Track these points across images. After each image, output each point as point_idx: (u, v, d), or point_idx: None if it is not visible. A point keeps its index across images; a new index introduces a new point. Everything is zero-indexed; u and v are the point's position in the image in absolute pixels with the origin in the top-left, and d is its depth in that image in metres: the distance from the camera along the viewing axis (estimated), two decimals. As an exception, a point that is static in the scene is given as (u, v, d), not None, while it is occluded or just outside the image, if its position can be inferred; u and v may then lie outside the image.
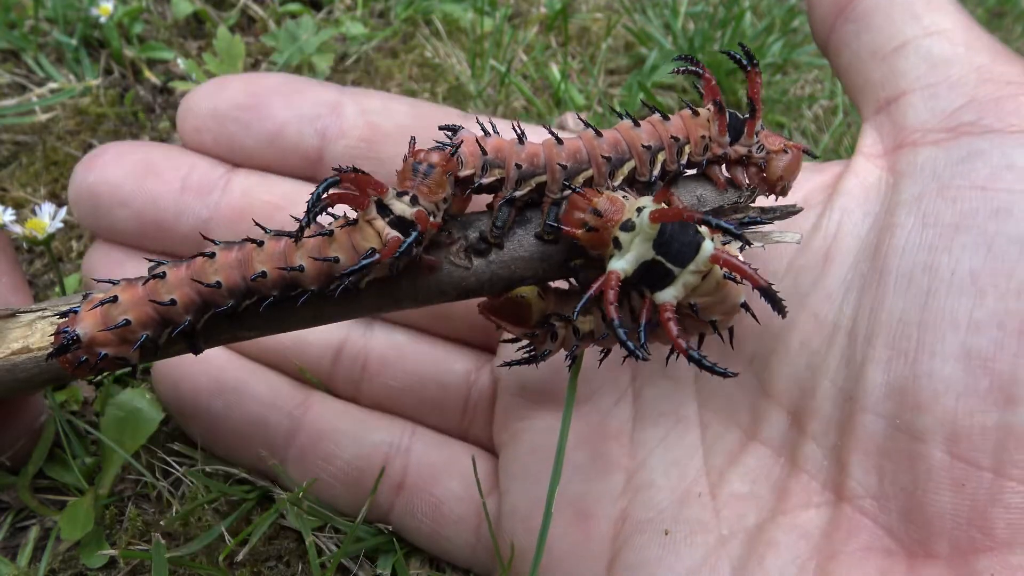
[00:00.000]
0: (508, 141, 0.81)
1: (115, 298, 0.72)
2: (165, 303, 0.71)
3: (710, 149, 0.82)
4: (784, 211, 0.83)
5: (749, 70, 0.81)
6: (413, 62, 1.82)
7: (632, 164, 0.80)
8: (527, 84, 1.81)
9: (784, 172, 0.82)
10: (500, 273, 0.80)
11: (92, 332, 0.71)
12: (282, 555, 1.03)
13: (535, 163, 0.79)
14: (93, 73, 1.63)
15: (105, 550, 0.99)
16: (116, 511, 1.05)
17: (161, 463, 1.10)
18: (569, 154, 0.80)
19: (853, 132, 1.89)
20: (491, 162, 0.79)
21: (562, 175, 0.79)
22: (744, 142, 0.82)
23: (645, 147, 0.80)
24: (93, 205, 1.06)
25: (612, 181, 0.80)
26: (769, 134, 0.83)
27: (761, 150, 0.82)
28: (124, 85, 1.65)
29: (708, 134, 0.81)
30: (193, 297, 0.72)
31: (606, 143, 0.80)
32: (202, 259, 0.73)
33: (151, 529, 1.03)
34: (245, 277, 0.72)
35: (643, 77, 1.80)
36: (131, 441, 1.04)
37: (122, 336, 0.71)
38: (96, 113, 1.57)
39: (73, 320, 0.73)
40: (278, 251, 0.72)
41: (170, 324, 0.73)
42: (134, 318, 0.71)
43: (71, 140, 1.52)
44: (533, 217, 0.82)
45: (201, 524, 1.04)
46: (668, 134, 0.81)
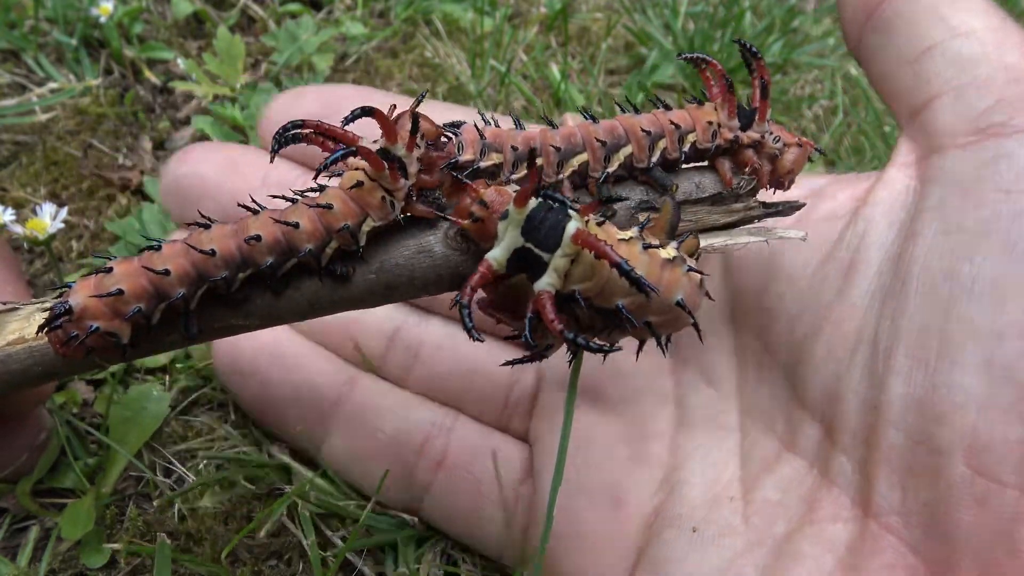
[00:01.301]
0: (505, 128, 0.82)
1: (110, 269, 0.72)
2: (159, 271, 0.72)
3: (719, 135, 0.82)
4: (788, 207, 0.83)
5: (757, 58, 0.81)
6: (413, 62, 1.83)
7: (629, 149, 0.81)
8: (527, 84, 1.81)
9: (793, 166, 0.82)
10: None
11: (84, 302, 0.71)
12: (283, 552, 1.03)
13: (531, 145, 0.80)
14: (93, 73, 1.63)
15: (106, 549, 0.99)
16: (116, 511, 1.05)
17: (164, 461, 1.10)
18: (563, 137, 0.81)
19: (853, 132, 1.89)
20: (489, 146, 0.80)
21: (556, 157, 0.80)
22: (757, 128, 0.82)
23: (644, 132, 0.81)
24: (181, 196, 1.14)
25: (608, 166, 0.81)
26: (782, 128, 0.83)
27: (777, 140, 0.82)
28: (124, 85, 1.65)
29: (716, 120, 0.82)
30: (187, 268, 0.72)
31: (602, 128, 0.81)
32: (199, 230, 0.74)
33: (152, 529, 1.03)
34: (240, 246, 0.72)
35: (643, 77, 1.80)
36: (135, 439, 1.05)
37: (114, 307, 0.71)
38: (96, 113, 1.57)
39: (66, 295, 0.73)
40: (275, 213, 0.74)
41: (163, 297, 0.73)
42: (127, 288, 0.71)
43: (71, 140, 1.52)
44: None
45: (204, 523, 1.04)
46: (668, 121, 0.81)
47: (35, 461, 1.02)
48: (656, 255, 0.71)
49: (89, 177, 1.46)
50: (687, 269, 0.72)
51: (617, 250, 0.67)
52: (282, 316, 0.79)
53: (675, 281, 0.72)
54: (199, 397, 1.19)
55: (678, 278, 0.72)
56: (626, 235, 0.72)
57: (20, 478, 1.02)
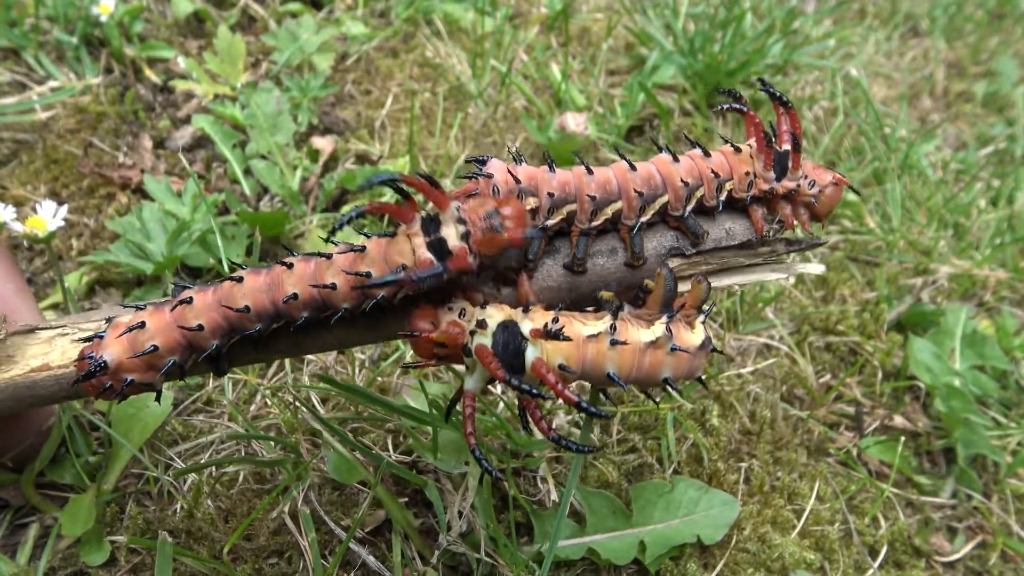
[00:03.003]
0: (539, 169, 0.82)
1: (142, 324, 0.72)
2: (192, 328, 0.71)
3: (755, 185, 0.82)
4: (809, 243, 0.84)
5: (788, 107, 0.82)
6: (414, 62, 1.83)
7: (665, 199, 0.81)
8: (528, 84, 1.82)
9: (831, 204, 0.83)
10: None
11: (119, 358, 0.71)
12: (284, 550, 1.04)
13: (566, 191, 0.80)
14: (93, 72, 1.64)
15: (106, 547, 1.00)
16: (117, 509, 1.05)
17: (166, 459, 1.10)
18: (599, 185, 0.81)
19: (853, 134, 1.90)
20: (525, 190, 0.80)
21: (591, 206, 0.80)
22: (791, 176, 0.82)
23: (683, 183, 0.81)
24: None
25: (643, 216, 0.81)
26: (816, 167, 0.84)
27: (813, 186, 0.82)
28: (124, 84, 1.65)
29: (752, 170, 0.82)
30: (220, 322, 0.72)
31: (639, 177, 0.81)
32: (230, 284, 0.73)
33: (152, 526, 1.03)
34: (275, 301, 0.71)
35: (644, 77, 1.81)
36: (138, 436, 1.05)
37: (149, 362, 0.71)
38: (96, 112, 1.57)
39: (98, 345, 0.72)
40: (309, 271, 0.72)
41: (196, 350, 0.73)
42: (162, 344, 0.71)
43: (71, 139, 1.52)
44: (562, 247, 0.83)
45: (205, 521, 1.04)
46: (708, 169, 0.82)
47: (40, 446, 1.02)
48: (628, 347, 0.75)
49: (89, 175, 1.47)
50: (672, 348, 0.75)
51: (583, 349, 0.74)
52: (308, 350, 0.81)
53: (657, 363, 0.76)
54: (200, 396, 1.19)
55: (660, 360, 0.76)
56: (595, 330, 0.75)
57: (24, 466, 1.03)
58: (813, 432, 1.30)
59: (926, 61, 2.34)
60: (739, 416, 1.28)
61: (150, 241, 1.31)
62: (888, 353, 1.42)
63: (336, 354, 1.28)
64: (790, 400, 1.35)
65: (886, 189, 1.71)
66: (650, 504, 1.09)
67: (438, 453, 1.02)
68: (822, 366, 1.40)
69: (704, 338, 0.77)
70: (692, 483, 1.11)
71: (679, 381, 0.78)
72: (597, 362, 0.76)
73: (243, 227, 1.39)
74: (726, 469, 1.19)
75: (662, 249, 0.84)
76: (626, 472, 1.17)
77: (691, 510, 1.10)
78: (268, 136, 1.53)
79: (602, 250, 0.84)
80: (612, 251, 0.84)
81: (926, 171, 1.84)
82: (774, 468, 1.23)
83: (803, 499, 1.19)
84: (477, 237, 0.70)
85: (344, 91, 1.75)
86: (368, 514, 1.07)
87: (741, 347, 1.39)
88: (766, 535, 1.14)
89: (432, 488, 1.04)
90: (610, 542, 1.06)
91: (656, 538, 1.06)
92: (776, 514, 1.16)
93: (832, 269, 1.57)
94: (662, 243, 0.84)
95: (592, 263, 0.83)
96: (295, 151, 1.55)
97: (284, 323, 0.73)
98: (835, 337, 1.44)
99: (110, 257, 1.30)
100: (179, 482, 1.09)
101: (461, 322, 0.75)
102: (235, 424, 1.15)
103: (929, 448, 1.33)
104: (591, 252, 0.83)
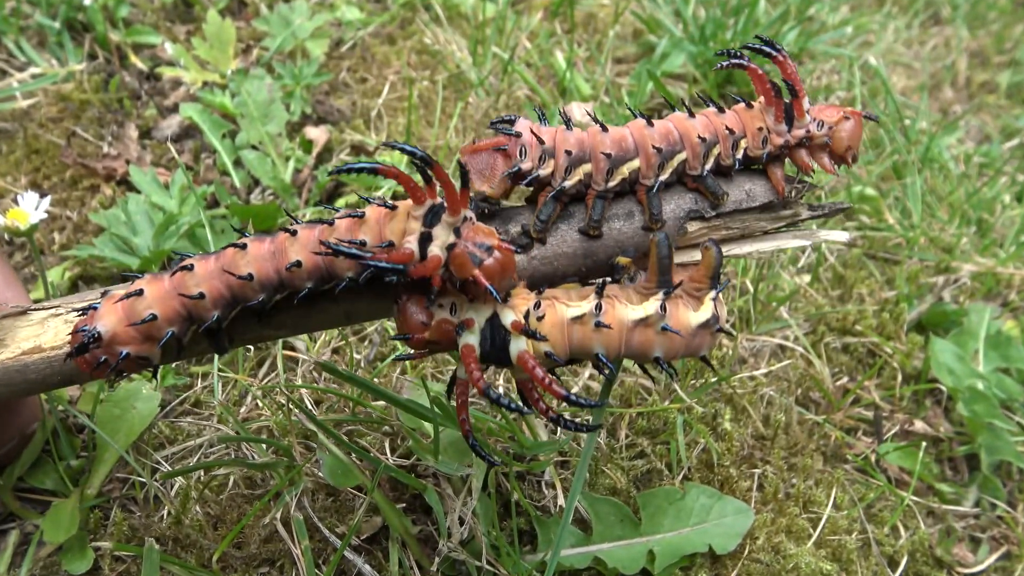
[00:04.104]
0: (557, 128, 0.83)
1: (140, 292, 0.72)
2: (193, 296, 0.71)
3: (769, 141, 0.83)
4: (832, 208, 0.84)
5: (777, 56, 0.82)
6: (412, 49, 1.83)
7: (683, 156, 0.82)
8: (531, 72, 1.82)
9: (851, 141, 0.83)
10: (542, 269, 0.81)
11: (114, 329, 0.71)
12: (276, 559, 1.04)
13: (583, 149, 0.80)
14: (76, 58, 1.64)
15: (89, 554, 1.00)
16: (101, 515, 1.05)
17: (153, 463, 1.10)
18: (614, 142, 0.81)
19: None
20: (548, 151, 0.81)
21: (606, 164, 0.80)
22: (799, 124, 0.83)
23: (700, 139, 0.81)
24: None
25: (661, 175, 0.81)
26: (823, 107, 0.84)
27: (821, 126, 0.83)
28: (109, 70, 1.65)
29: (765, 125, 0.83)
30: (222, 291, 0.72)
31: (656, 133, 0.82)
32: (233, 250, 0.73)
33: (138, 533, 1.03)
34: (279, 269, 0.72)
35: (652, 66, 1.81)
36: (123, 439, 1.05)
37: (146, 333, 0.71)
38: (79, 99, 1.57)
39: (92, 317, 0.72)
40: (313, 238, 0.72)
41: (197, 320, 0.72)
42: (160, 313, 0.71)
43: (53, 128, 1.52)
44: (576, 212, 0.83)
45: (193, 528, 1.04)
46: (723, 125, 0.82)
47: (21, 451, 1.02)
48: (615, 329, 0.75)
49: (72, 166, 1.46)
50: (662, 328, 0.76)
51: (569, 331, 0.75)
52: (314, 325, 0.81)
53: (647, 343, 0.77)
54: (188, 397, 1.19)
55: (650, 340, 0.76)
56: (579, 311, 0.75)
57: (4, 468, 1.03)
58: (830, 437, 1.30)
59: (948, 50, 2.34)
60: (752, 420, 1.28)
61: (136, 235, 1.31)
62: (908, 355, 1.42)
63: (330, 354, 1.28)
64: (806, 404, 1.35)
65: (906, 183, 1.71)
66: (660, 511, 1.09)
67: (439, 455, 1.02)
68: (839, 368, 1.40)
69: (709, 316, 0.77)
70: (704, 490, 1.11)
71: (675, 360, 0.78)
72: (584, 344, 0.76)
73: (233, 220, 1.39)
74: (739, 475, 1.19)
75: (680, 212, 0.84)
76: (634, 478, 1.17)
77: (703, 518, 1.10)
78: (259, 126, 1.53)
79: (618, 214, 0.84)
80: (629, 214, 0.84)
81: (948, 165, 1.84)
82: (789, 475, 1.23)
83: (819, 507, 1.19)
84: (457, 253, 0.70)
85: (339, 79, 1.75)
86: (364, 520, 1.07)
87: (755, 348, 1.39)
88: (780, 545, 1.13)
89: (432, 493, 1.03)
90: (617, 551, 1.06)
91: (666, 547, 1.06)
92: (791, 523, 1.16)
93: (850, 267, 1.57)
94: (680, 206, 0.84)
95: (608, 227, 0.83)
96: (287, 141, 1.55)
97: (288, 294, 0.73)
98: (853, 338, 1.44)
99: (94, 251, 1.29)
100: (166, 487, 1.09)
101: (452, 319, 0.76)
102: (225, 426, 1.15)
103: (951, 454, 1.33)
104: (607, 216, 0.83)
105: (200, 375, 1.22)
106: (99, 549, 1.02)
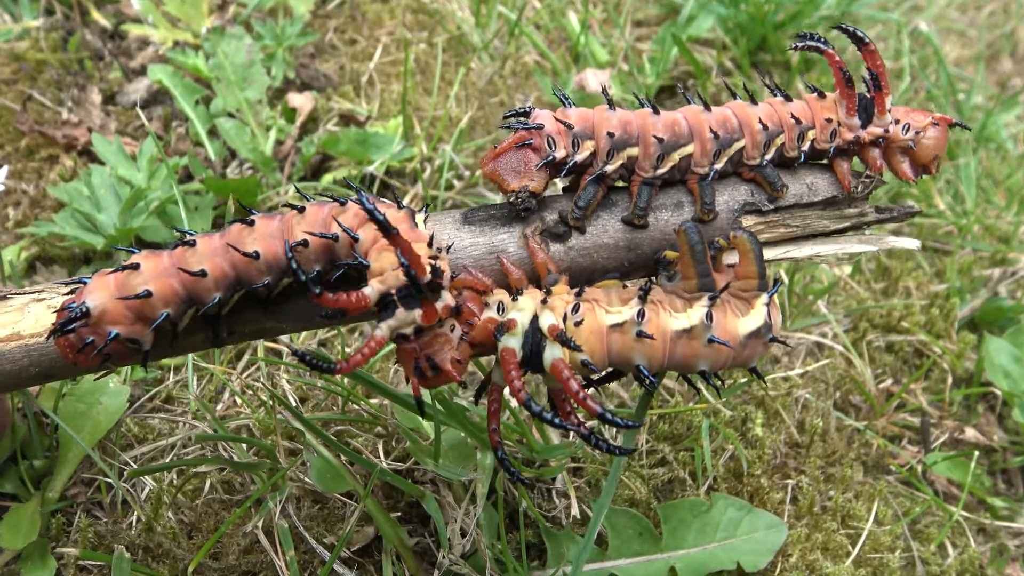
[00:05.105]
0: (596, 109, 0.84)
1: (136, 266, 0.73)
2: (194, 273, 0.73)
3: (838, 135, 0.86)
4: (903, 212, 0.87)
5: (868, 45, 0.85)
6: (407, 7, 1.85)
7: (741, 144, 0.84)
8: (540, 36, 1.83)
9: (936, 149, 0.85)
10: (580, 261, 0.83)
11: (104, 304, 0.71)
12: (257, 571, 1.05)
13: (629, 132, 0.83)
14: (32, 13, 1.65)
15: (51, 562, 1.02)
16: (64, 520, 1.07)
17: (121, 464, 1.12)
18: (666, 126, 0.83)
19: (921, 99, 1.92)
20: (580, 134, 0.83)
21: (657, 150, 0.82)
22: (878, 122, 0.85)
23: (761, 126, 0.84)
24: None
25: (716, 163, 0.83)
26: (910, 110, 0.87)
27: (907, 130, 0.85)
28: (68, 27, 1.67)
29: (835, 117, 0.85)
30: (226, 270, 0.73)
31: (714, 118, 0.84)
32: (240, 226, 0.75)
33: (105, 541, 1.05)
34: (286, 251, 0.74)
35: (678, 29, 1.83)
36: (89, 437, 1.07)
37: (139, 311, 0.72)
38: (35, 59, 1.59)
39: (81, 293, 0.73)
40: (321, 217, 0.74)
41: (195, 303, 0.74)
42: (156, 289, 0.72)
43: (7, 91, 1.54)
44: (619, 201, 0.85)
45: (166, 533, 1.06)
46: (788, 114, 0.85)
47: None
48: (657, 340, 0.77)
49: (28, 134, 1.48)
50: (708, 339, 0.77)
51: (608, 340, 0.77)
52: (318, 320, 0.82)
53: (692, 355, 0.78)
54: (159, 392, 1.21)
55: (695, 352, 0.78)
56: (620, 319, 0.77)
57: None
58: (871, 445, 1.32)
59: (1006, 16, 2.36)
60: (786, 425, 1.30)
61: (100, 211, 1.33)
62: (959, 355, 1.44)
63: (316, 347, 1.30)
64: (845, 408, 1.37)
65: (959, 165, 1.73)
66: (683, 525, 1.11)
67: (439, 458, 1.04)
68: (882, 369, 1.43)
69: (760, 324, 0.79)
70: (732, 502, 1.13)
71: (722, 372, 0.80)
72: (624, 355, 0.78)
73: (208, 196, 1.41)
74: (770, 486, 1.21)
75: (735, 204, 0.86)
76: (655, 488, 1.19)
77: (730, 533, 1.12)
78: (237, 91, 1.54)
79: (666, 204, 0.86)
80: (678, 204, 0.86)
81: (1005, 144, 1.86)
82: (826, 486, 1.25)
83: (859, 522, 1.21)
84: (401, 349, 0.73)
85: (325, 40, 1.76)
86: (355, 530, 1.09)
87: (789, 346, 1.41)
88: (816, 563, 1.16)
89: (430, 500, 1.05)
90: (635, 568, 1.08)
91: (689, 564, 1.08)
92: (828, 539, 1.18)
93: (895, 257, 1.59)
94: (735, 197, 0.86)
95: (655, 218, 0.85)
96: (268, 109, 1.56)
97: (295, 279, 0.75)
98: (898, 336, 1.46)
99: (54, 229, 1.31)
100: (135, 490, 1.11)
101: (498, 318, 0.78)
102: (201, 424, 1.16)
103: (1005, 466, 1.35)
104: (653, 206, 0.85)
105: (172, 368, 1.24)
106: (62, 557, 1.04)
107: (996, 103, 1.95)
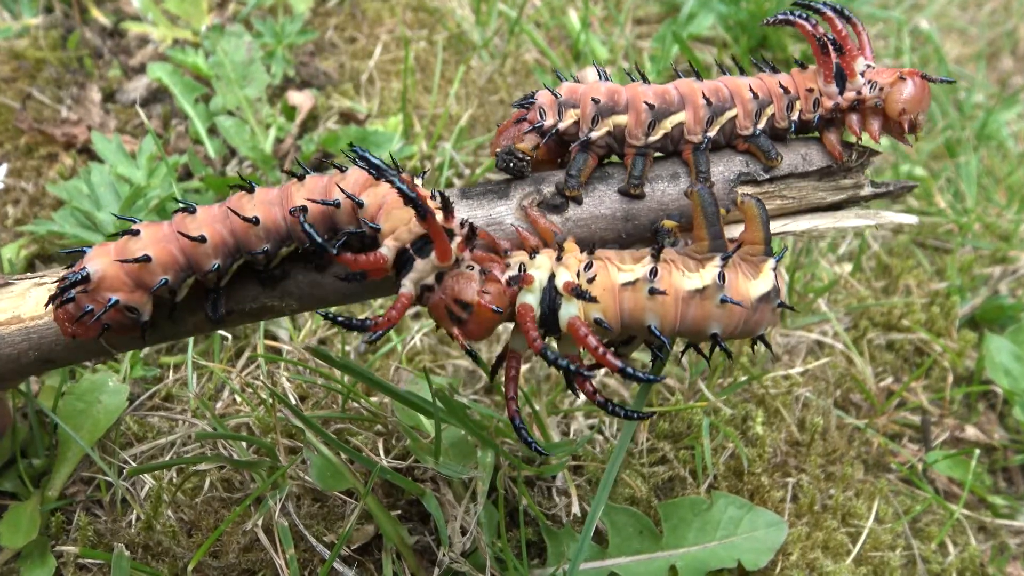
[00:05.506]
0: (587, 82, 0.87)
1: (136, 232, 0.74)
2: (194, 238, 0.73)
3: (820, 104, 0.87)
4: (899, 187, 0.87)
5: (825, 13, 0.86)
6: (407, 5, 1.85)
7: (733, 113, 0.85)
8: (541, 34, 1.83)
9: (906, 104, 0.84)
10: (578, 233, 0.84)
11: (104, 269, 0.72)
12: (256, 570, 1.06)
13: (615, 99, 0.84)
14: (31, 11, 1.65)
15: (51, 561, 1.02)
16: (63, 518, 1.07)
17: (121, 462, 1.12)
18: (657, 94, 0.85)
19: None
20: (566, 103, 0.85)
21: (648, 116, 0.84)
22: (850, 86, 0.86)
23: (752, 95, 0.85)
24: None
25: (708, 130, 0.84)
26: (880, 69, 0.87)
27: (873, 88, 0.85)
28: (67, 26, 1.67)
29: (816, 87, 0.87)
30: (225, 237, 0.74)
31: (706, 87, 0.85)
32: (240, 193, 0.76)
33: (104, 539, 1.05)
34: (286, 216, 0.74)
35: (678, 27, 1.83)
36: (88, 435, 1.07)
37: (138, 277, 0.73)
38: (35, 58, 1.59)
39: (81, 263, 0.74)
40: (321, 185, 0.75)
41: (194, 271, 0.74)
42: (155, 255, 0.73)
43: (6, 89, 1.54)
44: (615, 173, 0.86)
45: (165, 531, 1.06)
46: (776, 84, 0.86)
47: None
48: (670, 296, 0.77)
49: (28, 132, 1.48)
50: (721, 300, 0.77)
51: (621, 297, 0.77)
52: (326, 297, 0.82)
53: (704, 316, 0.78)
54: (159, 391, 1.21)
55: (708, 312, 0.78)
56: (632, 276, 0.77)
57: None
58: (872, 444, 1.32)
59: (1007, 14, 2.36)
60: (786, 424, 1.30)
61: (99, 209, 1.33)
62: (960, 354, 1.44)
63: (316, 344, 1.30)
64: (845, 406, 1.37)
65: (959, 163, 1.73)
66: (683, 523, 1.11)
67: (440, 456, 1.04)
68: (883, 367, 1.43)
69: (770, 287, 0.79)
70: (733, 500, 1.13)
71: (733, 338, 0.80)
72: (636, 314, 0.78)
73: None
74: (771, 485, 1.21)
75: (730, 175, 0.87)
76: (655, 486, 1.19)
77: (731, 531, 1.12)
78: (236, 89, 1.54)
79: (662, 175, 0.86)
80: (674, 176, 0.86)
81: (1006, 143, 1.86)
82: (826, 484, 1.25)
83: (860, 520, 1.21)
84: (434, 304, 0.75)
85: (325, 38, 1.76)
86: (355, 528, 1.09)
87: (789, 344, 1.41)
88: (816, 561, 1.16)
89: (430, 498, 1.05)
90: (635, 566, 1.08)
91: (689, 562, 1.08)
92: (828, 537, 1.18)
93: (896, 255, 1.59)
94: (730, 168, 0.87)
95: (651, 188, 0.86)
96: (268, 107, 1.56)
97: (295, 249, 0.76)
98: (898, 334, 1.46)
99: (53, 227, 1.31)
100: (135, 488, 1.11)
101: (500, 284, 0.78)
102: (200, 422, 1.17)
103: (1006, 464, 1.35)
104: (649, 177, 0.86)
105: (172, 366, 1.24)
106: (61, 555, 1.04)
107: (997, 101, 1.95)
